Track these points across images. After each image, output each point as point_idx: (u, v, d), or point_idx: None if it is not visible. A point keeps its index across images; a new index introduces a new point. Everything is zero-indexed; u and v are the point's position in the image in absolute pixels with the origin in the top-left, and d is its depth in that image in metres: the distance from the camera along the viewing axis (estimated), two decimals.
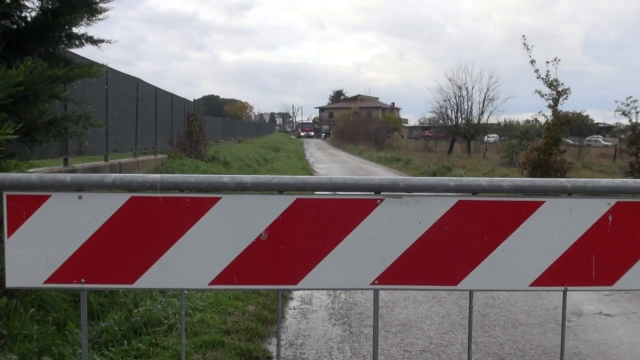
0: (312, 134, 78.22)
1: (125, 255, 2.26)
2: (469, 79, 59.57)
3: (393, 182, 2.32)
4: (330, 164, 25.24)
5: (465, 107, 35.85)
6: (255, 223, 2.30)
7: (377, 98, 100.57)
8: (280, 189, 2.33)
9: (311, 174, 18.31)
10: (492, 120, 37.82)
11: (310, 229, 2.32)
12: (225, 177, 2.31)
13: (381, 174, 19.89)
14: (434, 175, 18.58)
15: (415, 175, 19.23)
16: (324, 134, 77.64)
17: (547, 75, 12.01)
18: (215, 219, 2.29)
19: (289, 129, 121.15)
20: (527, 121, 14.68)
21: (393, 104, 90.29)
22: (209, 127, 25.79)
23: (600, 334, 4.38)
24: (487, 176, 16.97)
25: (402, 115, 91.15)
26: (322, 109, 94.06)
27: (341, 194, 2.36)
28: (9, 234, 2.16)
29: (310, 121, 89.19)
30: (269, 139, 52.85)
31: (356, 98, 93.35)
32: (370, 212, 2.32)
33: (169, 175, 2.32)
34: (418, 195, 2.34)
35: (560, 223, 2.26)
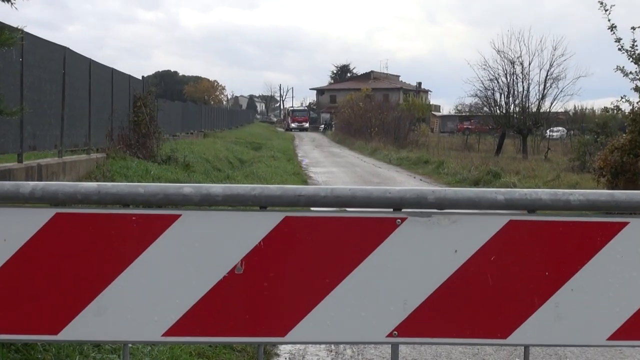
0: (307, 125, 78.50)
1: (47, 294, 2.26)
2: (525, 50, 59.84)
3: (419, 195, 2.34)
4: (331, 167, 25.31)
5: (520, 89, 35.83)
6: (228, 250, 2.32)
7: (398, 76, 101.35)
8: (263, 203, 2.35)
9: (305, 183, 18.37)
10: (557, 107, 37.30)
11: (304, 260, 2.33)
12: (187, 187, 2.33)
13: (402, 182, 19.94)
14: (475, 184, 18.63)
15: (449, 184, 19.29)
16: (323, 126, 77.94)
17: (632, 47, 12.05)
18: (173, 245, 2.31)
19: (275, 118, 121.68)
20: (605, 109, 14.64)
21: (419, 84, 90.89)
22: (164, 115, 25.88)
23: None
24: (550, 186, 17.05)
25: (432, 101, 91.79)
26: (320, 91, 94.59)
27: (347, 212, 2.38)
28: None
29: (304, 107, 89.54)
30: (247, 131, 53.06)
31: (368, 76, 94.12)
32: (388, 237, 2.34)
33: (109, 184, 2.34)
34: (454, 213, 2.35)
35: None
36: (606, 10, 12.28)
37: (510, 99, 35.87)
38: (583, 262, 2.33)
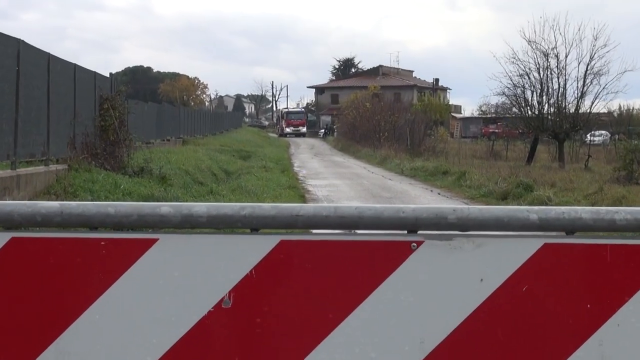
0: (304, 129, 78.76)
1: None
2: (561, 40, 59.67)
3: (438, 215, 2.35)
4: (333, 179, 25.36)
5: (555, 86, 35.75)
6: (214, 281, 2.33)
7: (411, 72, 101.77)
8: (254, 225, 2.36)
9: (303, 198, 18.40)
10: (599, 108, 36.96)
11: (303, 291, 2.34)
12: (165, 207, 2.34)
13: (418, 197, 19.96)
14: (503, 199, 18.65)
15: (473, 199, 19.32)
16: (323, 131, 78.19)
17: None
18: (149, 274, 2.32)
19: (266, 122, 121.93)
20: None
21: (436, 81, 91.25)
22: (136, 119, 25.97)
23: None
24: (591, 201, 17.02)
25: (452, 100, 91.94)
26: (320, 90, 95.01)
27: (354, 234, 2.39)
28: None
29: (301, 109, 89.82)
30: (234, 137, 53.21)
31: (376, 72, 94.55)
32: (401, 264, 2.35)
33: (74, 203, 2.35)
34: (479, 235, 2.36)
35: None
36: None
37: (544, 97, 35.77)
38: (631, 292, 2.34)
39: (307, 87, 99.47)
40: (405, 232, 2.39)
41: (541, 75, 35.71)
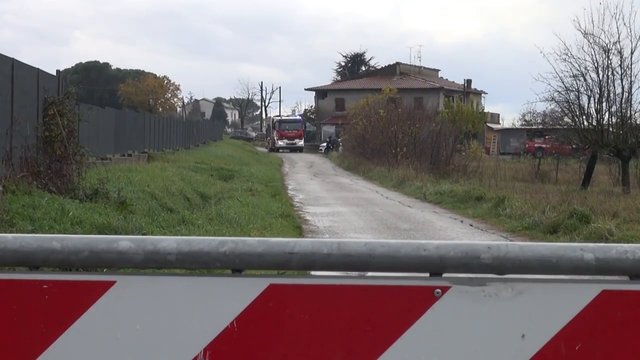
0: (301, 142, 79.50)
1: None
2: (625, 33, 59.93)
3: (468, 252, 2.37)
4: (338, 206, 25.40)
5: (618, 90, 35.61)
6: (185, 335, 2.33)
7: (436, 71, 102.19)
8: (237, 264, 2.37)
9: (299, 230, 18.40)
10: None
11: (298, 349, 2.35)
12: (125, 241, 2.36)
13: (444, 230, 19.96)
14: (553, 232, 18.63)
15: (513, 232, 19.31)
16: (325, 144, 78.39)
17: None
18: (103, 326, 2.32)
19: (253, 133, 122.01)
20: None
21: (468, 82, 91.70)
22: (90, 128, 26.02)
23: None
24: None
25: (488, 107, 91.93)
26: (321, 93, 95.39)
27: (362, 278, 2.40)
28: None
29: (297, 117, 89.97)
30: (213, 152, 53.27)
31: (392, 70, 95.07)
32: (422, 315, 2.36)
33: (9, 236, 2.35)
34: (520, 279, 2.38)
35: None
36: None
37: (604, 104, 35.72)
38: None
39: (306, 89, 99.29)
40: (428, 274, 2.39)
41: (600, 76, 35.59)
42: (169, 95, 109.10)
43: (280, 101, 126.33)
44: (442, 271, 2.38)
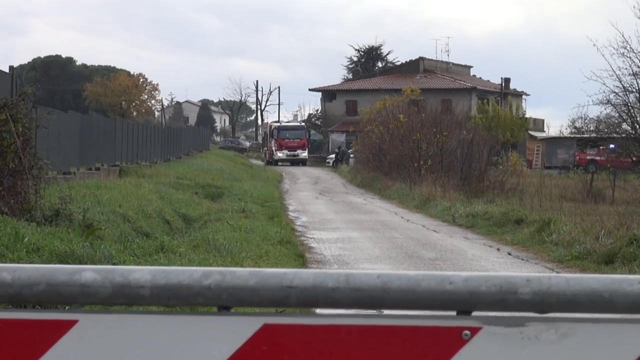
0: (304, 153, 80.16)
1: None
2: None
3: (504, 286, 2.37)
4: (349, 231, 25.44)
5: None
6: None
7: (468, 68, 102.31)
8: (225, 300, 2.38)
9: (302, 260, 18.40)
10: None
11: None
12: (89, 271, 2.36)
13: (476, 260, 19.94)
14: (608, 262, 18.57)
15: (560, 263, 19.27)
16: (333, 156, 78.49)
17: None
18: None
19: (247, 142, 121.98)
20: None
21: (506, 82, 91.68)
22: (50, 136, 26.02)
23: None
24: None
25: (531, 111, 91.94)
26: (329, 94, 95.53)
27: (376, 317, 2.40)
28: None
29: (299, 123, 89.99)
30: (198, 165, 53.30)
31: (415, 67, 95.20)
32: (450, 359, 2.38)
33: None
34: (565, 318, 2.38)
35: None
36: None
37: None
38: None
39: (310, 89, 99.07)
40: (454, 313, 2.39)
41: None
42: (145, 96, 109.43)
43: (279, 104, 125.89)
44: (471, 309, 2.38)
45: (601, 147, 58.71)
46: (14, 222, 16.08)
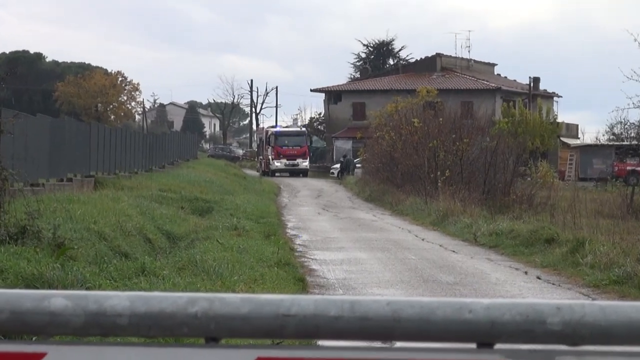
0: (305, 163, 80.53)
1: None
2: None
3: (530, 315, 2.38)
4: (356, 250, 25.49)
5: None
6: None
7: (492, 66, 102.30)
8: (213, 331, 2.39)
9: (302, 284, 18.41)
10: None
11: None
12: (60, 297, 2.36)
13: (501, 284, 19.92)
14: None
15: (598, 288, 19.21)
16: (338, 165, 78.38)
17: None
18: None
19: (240, 150, 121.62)
20: None
21: (535, 81, 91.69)
22: (16, 143, 25.96)
23: None
24: None
25: (563, 115, 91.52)
26: (333, 95, 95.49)
27: (386, 349, 2.40)
28: None
29: (299, 128, 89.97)
30: (184, 176, 53.20)
31: (431, 65, 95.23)
32: None
33: None
34: (599, 352, 2.38)
35: None
36: None
37: None
38: None
39: (312, 90, 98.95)
40: (474, 345, 2.39)
41: None
42: (125, 98, 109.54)
43: (277, 107, 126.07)
44: (494, 341, 2.37)
45: None
46: None
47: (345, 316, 2.40)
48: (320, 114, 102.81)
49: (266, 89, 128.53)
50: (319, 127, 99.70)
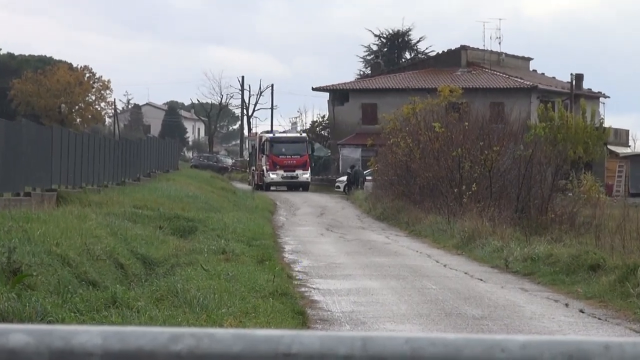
0: (306, 174, 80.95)
1: None
2: None
3: (574, 355, 2.38)
4: (366, 279, 25.52)
5: None
6: None
7: (527, 61, 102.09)
8: None
9: (302, 318, 18.41)
10: None
11: None
12: (18, 333, 2.36)
13: (537, 319, 19.89)
14: None
15: None
16: (345, 178, 78.22)
17: None
18: None
19: (230, 159, 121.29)
20: None
21: (577, 79, 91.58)
22: None
23: None
24: None
25: (611, 119, 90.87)
26: (339, 95, 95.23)
27: None
28: None
29: (300, 133, 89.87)
30: (163, 190, 53.00)
31: (455, 59, 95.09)
32: None
33: None
34: None
35: None
36: None
37: None
38: None
39: (314, 89, 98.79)
40: None
41: None
42: (93, 97, 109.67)
43: (272, 108, 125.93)
44: None
45: None
46: None
47: (356, 355, 2.41)
48: (323, 117, 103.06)
49: (260, 88, 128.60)
50: (323, 132, 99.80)
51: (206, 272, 22.62)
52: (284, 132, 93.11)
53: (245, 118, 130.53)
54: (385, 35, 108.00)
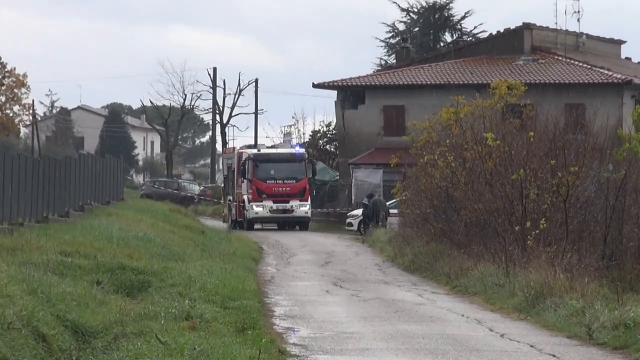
0: (305, 207, 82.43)
1: None
2: None
3: None
4: (390, 355, 25.62)
5: None
6: None
7: (618, 45, 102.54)
8: None
9: None
10: None
11: None
12: None
13: None
14: None
15: None
16: (361, 212, 78.51)
17: None
18: None
19: (197, 186, 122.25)
20: None
21: None
22: None
23: None
24: None
25: None
26: (351, 94, 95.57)
27: None
28: None
29: (297, 148, 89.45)
30: (102, 230, 53.29)
31: (514, 43, 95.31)
32: None
33: None
34: None
35: None
36: None
37: None
38: None
39: (315, 85, 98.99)
40: None
41: None
42: (3, 98, 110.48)
43: (256, 113, 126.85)
44: None
45: None
46: None
47: None
48: (329, 125, 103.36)
49: (239, 84, 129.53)
50: (328, 147, 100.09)
51: (164, 345, 22.61)
52: (273, 146, 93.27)
53: (218, 127, 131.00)
54: (416, 10, 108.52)
